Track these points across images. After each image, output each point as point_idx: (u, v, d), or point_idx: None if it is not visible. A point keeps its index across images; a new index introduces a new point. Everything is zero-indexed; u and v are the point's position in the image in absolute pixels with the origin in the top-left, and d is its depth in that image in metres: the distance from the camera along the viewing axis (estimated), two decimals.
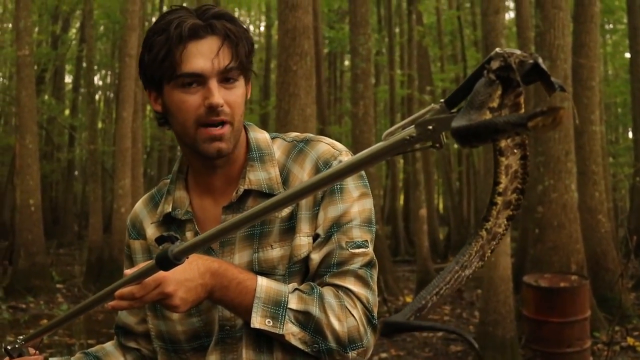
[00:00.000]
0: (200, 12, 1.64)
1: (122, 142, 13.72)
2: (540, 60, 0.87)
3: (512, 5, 23.28)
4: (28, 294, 12.76)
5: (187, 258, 1.31)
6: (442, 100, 0.94)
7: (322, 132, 16.18)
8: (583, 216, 9.84)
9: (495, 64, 0.88)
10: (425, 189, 15.42)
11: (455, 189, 26.37)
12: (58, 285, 14.38)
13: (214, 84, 1.60)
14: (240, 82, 1.67)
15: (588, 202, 10.36)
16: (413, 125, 0.95)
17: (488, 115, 0.87)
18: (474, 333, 9.06)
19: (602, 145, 12.88)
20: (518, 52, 0.87)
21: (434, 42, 24.53)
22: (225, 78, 1.63)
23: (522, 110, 0.91)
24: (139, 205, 1.92)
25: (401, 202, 25.56)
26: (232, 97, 1.64)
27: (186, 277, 1.52)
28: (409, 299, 12.87)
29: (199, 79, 1.61)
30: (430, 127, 0.94)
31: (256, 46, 33.41)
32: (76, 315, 1.57)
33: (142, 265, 1.47)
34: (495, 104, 0.88)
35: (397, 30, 22.75)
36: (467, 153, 24.42)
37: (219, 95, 1.60)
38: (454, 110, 0.93)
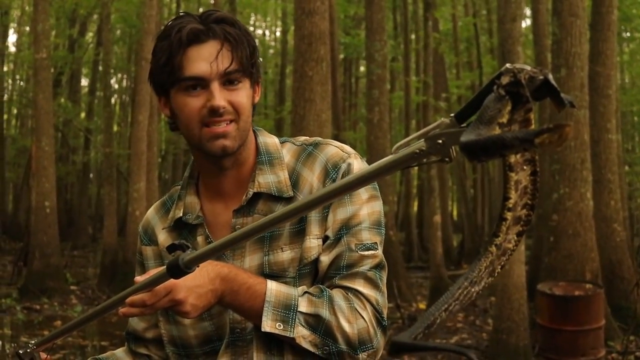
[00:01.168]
0: (203, 17, 1.66)
1: (137, 145, 13.77)
2: (550, 77, 0.87)
3: (528, 12, 23.23)
4: (42, 295, 12.82)
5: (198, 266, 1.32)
6: (452, 114, 0.94)
7: (336, 138, 16.17)
8: (598, 225, 9.80)
9: (505, 80, 0.88)
10: (439, 195, 15.39)
11: (470, 196, 26.30)
12: (72, 287, 14.44)
13: (215, 86, 1.62)
14: (245, 84, 1.68)
15: (603, 210, 10.31)
16: (423, 139, 0.96)
17: (497, 131, 0.87)
18: (488, 340, 9.03)
19: (618, 154, 12.83)
20: (528, 67, 0.87)
21: (450, 49, 24.51)
22: (229, 80, 1.65)
23: (532, 126, 0.91)
24: (151, 211, 1.93)
25: (415, 208, 25.54)
26: (236, 97, 1.65)
27: (196, 283, 1.53)
28: (422, 306, 12.84)
29: (201, 83, 1.63)
30: (440, 142, 0.94)
31: (271, 51, 33.62)
32: (88, 321, 1.57)
33: (153, 272, 1.48)
34: (504, 120, 0.88)
35: (413, 36, 22.73)
36: None
37: (220, 97, 1.62)
38: (464, 124, 0.93)
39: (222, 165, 1.73)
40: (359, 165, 1.74)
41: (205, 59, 1.62)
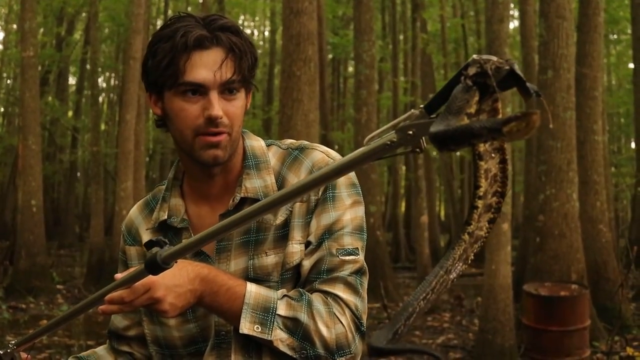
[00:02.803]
0: (207, 21, 1.64)
1: (124, 144, 13.74)
2: (516, 67, 0.88)
3: (516, 14, 23.32)
4: (28, 295, 12.77)
5: (177, 262, 1.32)
6: (421, 105, 0.96)
7: (324, 138, 16.21)
8: (584, 226, 9.84)
9: (472, 70, 0.89)
10: (426, 196, 15.43)
11: (457, 196, 26.36)
12: (58, 286, 14.39)
13: (214, 95, 1.62)
14: (241, 94, 1.68)
15: (589, 211, 10.36)
16: (394, 131, 0.97)
17: (466, 121, 0.89)
18: (474, 341, 9.07)
19: (604, 155, 12.90)
20: (494, 58, 0.89)
21: (438, 50, 24.54)
22: (227, 89, 1.64)
23: (500, 116, 0.92)
24: (134, 211, 1.92)
25: (402, 208, 25.57)
26: (232, 108, 1.65)
27: (175, 282, 1.53)
28: None
29: (200, 89, 1.62)
30: (411, 132, 0.95)
31: (260, 51, 33.55)
32: (67, 319, 1.56)
33: (131, 269, 1.48)
34: (472, 110, 0.90)
35: (401, 37, 22.78)
36: (469, 161, 24.42)
37: (218, 107, 1.61)
38: (434, 115, 0.94)
39: (211, 172, 1.73)
40: None
41: (208, 66, 1.61)
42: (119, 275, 1.50)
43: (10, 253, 15.55)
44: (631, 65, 21.49)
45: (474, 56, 0.90)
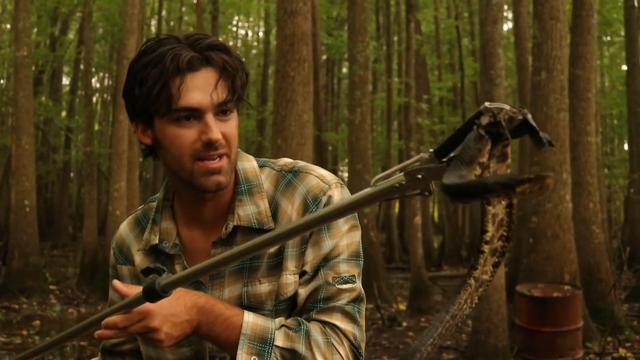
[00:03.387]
0: (192, 41, 1.58)
1: (118, 144, 13.72)
2: (529, 117, 0.89)
3: (510, 15, 23.35)
4: (21, 295, 12.74)
5: (174, 291, 1.30)
6: (430, 150, 0.96)
7: (318, 139, 16.21)
8: (577, 227, 9.87)
9: (484, 120, 0.89)
10: (420, 197, 15.43)
11: None
12: (51, 287, 14.37)
13: (211, 118, 1.56)
14: (234, 114, 1.63)
15: (582, 212, 10.39)
16: (402, 173, 0.97)
17: (478, 170, 0.89)
18: (467, 341, 9.08)
19: (597, 157, 12.92)
20: (507, 107, 0.89)
21: (432, 51, 24.59)
22: (222, 110, 1.59)
23: (509, 160, 0.93)
24: (125, 229, 1.87)
25: (396, 209, 25.59)
26: (228, 129, 1.60)
27: (172, 312, 1.52)
28: (402, 307, 12.88)
29: (195, 113, 1.56)
30: (420, 176, 0.96)
31: (254, 52, 33.47)
32: (63, 340, 1.53)
33: (132, 290, 1.47)
34: (484, 159, 0.90)
35: (395, 38, 22.78)
36: None
37: (217, 130, 1.56)
38: (444, 160, 0.95)
39: (204, 197, 1.68)
40: (339, 196, 1.70)
41: (202, 88, 1.55)
42: (116, 283, 1.49)
43: (3, 253, 15.51)
44: (624, 67, 21.57)
45: (486, 104, 0.90)
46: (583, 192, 10.40)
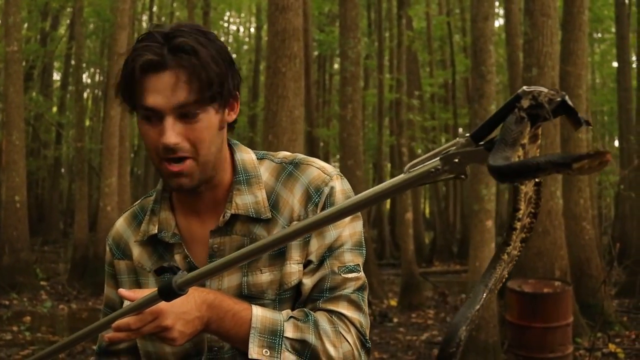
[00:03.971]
0: (167, 39, 1.56)
1: (109, 140, 13.70)
2: (567, 97, 0.92)
3: (501, 12, 23.39)
4: (12, 291, 12.71)
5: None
6: (467, 134, 0.98)
7: (310, 135, 16.21)
8: (567, 223, 9.90)
9: (525, 103, 0.92)
10: (411, 193, 15.47)
11: (442, 193, 26.46)
12: (42, 283, 14.34)
13: (168, 122, 1.55)
14: (207, 114, 1.59)
15: (573, 209, 10.43)
16: (438, 158, 0.99)
17: (520, 152, 0.92)
18: None
19: (588, 145, 12.96)
20: (545, 90, 0.92)
21: (424, 47, 24.63)
22: (185, 114, 1.56)
23: (539, 141, 0.97)
24: (122, 224, 1.87)
25: (387, 205, 25.63)
26: (193, 133, 1.57)
27: (183, 310, 1.51)
28: (393, 302, 12.91)
29: (156, 114, 1.56)
30: (457, 160, 0.97)
31: (246, 47, 33.37)
32: (72, 344, 1.52)
33: (142, 292, 1.46)
34: (525, 140, 0.93)
35: (386, 34, 22.78)
36: None
37: (172, 134, 1.54)
38: (481, 143, 0.97)
39: (195, 190, 1.68)
40: (340, 187, 1.72)
41: (160, 90, 1.54)
42: (123, 292, 1.48)
43: None
44: (615, 64, 21.62)
45: (525, 88, 0.93)
46: (573, 188, 10.44)
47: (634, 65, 17.34)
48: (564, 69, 10.17)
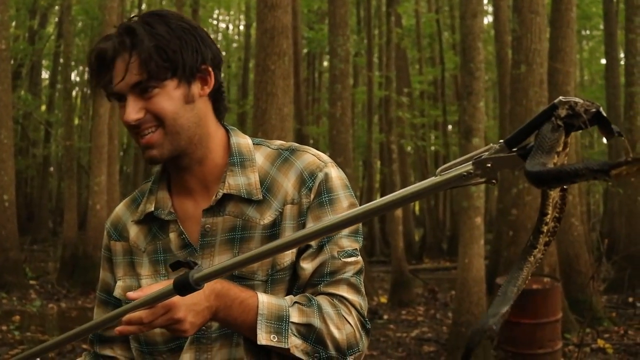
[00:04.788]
0: (121, 27, 1.68)
1: (98, 138, 13.66)
2: (601, 109, 0.95)
3: (490, 9, 23.44)
4: (0, 290, 12.67)
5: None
6: (501, 140, 1.01)
7: (299, 132, 16.21)
8: None
9: (562, 112, 0.95)
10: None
11: None
12: (31, 282, 14.30)
13: (129, 101, 1.65)
14: (166, 88, 1.65)
15: None
16: (470, 162, 1.02)
17: (555, 158, 0.95)
18: (447, 333, 9.13)
19: (577, 150, 13.02)
20: (581, 101, 0.95)
21: (413, 45, 24.65)
22: (142, 89, 1.64)
23: (568, 148, 1.00)
24: (121, 207, 1.92)
25: None
26: (152, 106, 1.65)
27: (194, 301, 1.53)
28: (383, 299, 12.92)
29: (121, 97, 1.67)
30: (489, 165, 1.00)
31: (235, 45, 33.31)
32: (81, 335, 1.51)
33: (147, 289, 1.47)
34: (560, 148, 0.96)
35: (376, 32, 22.78)
36: (444, 155, 24.54)
37: (131, 111, 1.64)
38: (514, 149, 1.00)
39: (179, 164, 1.74)
40: (337, 173, 1.76)
41: (118, 76, 1.64)
42: (133, 295, 1.47)
43: None
44: (603, 61, 21.71)
45: (562, 98, 0.96)
46: None
47: (622, 63, 17.37)
48: (552, 66, 10.19)
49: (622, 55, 18.31)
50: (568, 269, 10.24)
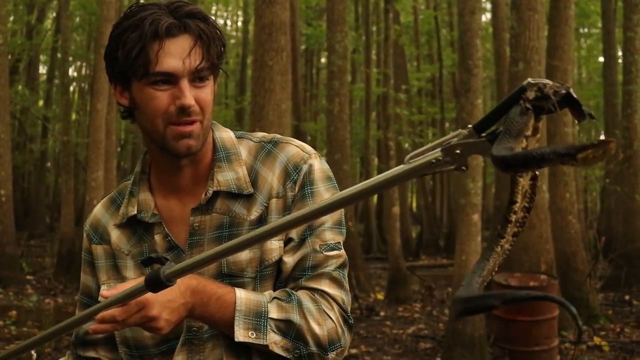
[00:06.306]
0: (173, 8, 1.60)
1: (95, 134, 13.63)
2: (571, 90, 0.92)
3: (488, 6, 23.42)
4: None
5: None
6: (469, 125, 0.98)
7: (297, 129, 16.21)
8: (553, 217, 9.95)
9: (531, 94, 0.93)
10: (398, 187, 15.48)
11: (429, 188, 26.50)
12: (28, 277, 14.28)
13: (185, 84, 1.58)
14: (210, 81, 1.65)
15: (559, 203, 10.47)
16: (439, 149, 0.99)
17: (524, 143, 0.92)
18: (444, 331, 9.13)
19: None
20: (551, 82, 0.93)
21: (411, 42, 24.63)
22: (198, 77, 1.61)
23: (539, 134, 0.97)
24: (99, 209, 1.88)
25: (374, 200, 25.65)
26: (202, 95, 1.62)
27: (168, 298, 1.50)
28: (380, 296, 12.93)
29: (170, 78, 1.59)
30: (458, 151, 0.98)
31: (233, 41, 33.29)
32: (54, 336, 1.48)
33: (121, 287, 1.44)
34: (529, 132, 0.93)
35: (374, 28, 22.79)
36: None
37: (190, 96, 1.58)
38: (483, 135, 0.97)
39: (180, 163, 1.70)
40: (319, 165, 1.74)
41: (178, 54, 1.57)
42: (105, 293, 1.44)
43: None
44: (601, 59, 21.70)
45: (530, 80, 0.93)
46: (559, 182, 10.48)
47: (620, 60, 17.37)
48: (550, 63, 10.19)
49: (620, 53, 18.33)
50: (565, 267, 10.24)
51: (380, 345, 9.27)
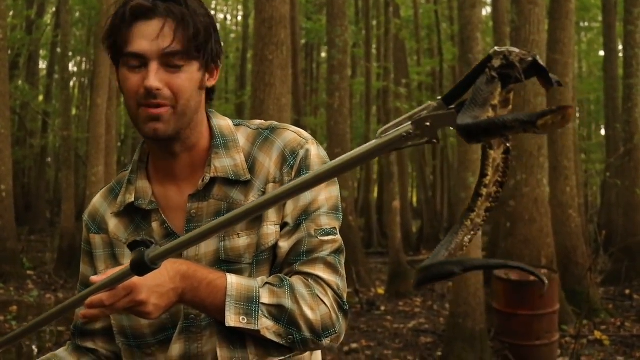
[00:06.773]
0: None
1: (96, 129, 13.62)
2: (538, 57, 0.90)
3: (489, 0, 23.39)
4: None
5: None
6: (439, 97, 0.97)
7: (297, 123, 16.18)
8: (554, 211, 9.94)
9: (497, 62, 0.91)
10: (399, 181, 15.49)
11: (429, 182, 26.49)
12: (29, 272, 14.28)
13: (153, 66, 1.58)
14: (191, 68, 1.63)
15: (559, 197, 10.46)
16: (409, 122, 0.97)
17: (490, 112, 0.90)
18: (444, 325, 9.14)
19: (575, 141, 13.01)
20: (517, 50, 0.91)
21: (411, 36, 24.57)
22: (170, 62, 1.60)
23: (510, 106, 0.95)
24: (98, 199, 1.88)
25: (375, 194, 25.65)
26: (177, 80, 1.60)
27: (157, 282, 1.50)
28: (380, 291, 12.93)
29: (142, 60, 1.59)
30: (428, 124, 0.96)
31: (233, 35, 33.20)
32: (44, 323, 1.49)
33: (113, 270, 1.43)
34: (496, 102, 0.91)
35: (374, 22, 22.76)
36: (442, 147, 24.54)
37: (155, 78, 1.57)
38: (452, 106, 0.95)
39: (171, 149, 1.70)
40: (316, 151, 1.73)
41: (148, 36, 1.58)
42: (95, 278, 1.44)
43: None
44: (602, 53, 21.69)
45: (496, 48, 0.92)
46: (560, 176, 10.48)
47: (621, 54, 17.36)
48: (550, 57, 10.18)
49: (620, 47, 18.30)
50: (565, 261, 10.24)
51: (381, 339, 9.27)
